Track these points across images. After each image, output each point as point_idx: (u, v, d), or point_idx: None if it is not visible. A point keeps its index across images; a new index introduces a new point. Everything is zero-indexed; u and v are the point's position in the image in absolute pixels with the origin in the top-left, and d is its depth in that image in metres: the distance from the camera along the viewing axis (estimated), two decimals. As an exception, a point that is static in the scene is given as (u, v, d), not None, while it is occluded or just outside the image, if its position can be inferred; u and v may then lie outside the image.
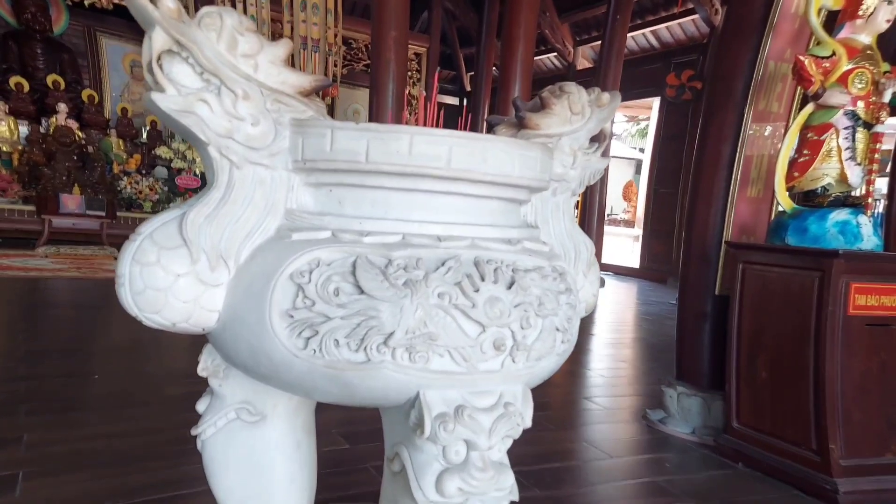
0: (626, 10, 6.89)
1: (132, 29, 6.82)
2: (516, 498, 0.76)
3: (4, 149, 7.34)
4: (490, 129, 1.02)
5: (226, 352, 0.77)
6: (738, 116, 2.17)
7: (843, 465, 1.66)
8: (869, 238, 1.76)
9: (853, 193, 1.83)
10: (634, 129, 17.96)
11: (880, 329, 1.75)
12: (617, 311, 5.38)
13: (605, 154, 1.07)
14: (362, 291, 0.68)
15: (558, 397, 2.59)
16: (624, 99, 8.90)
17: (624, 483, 1.73)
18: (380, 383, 0.70)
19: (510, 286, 0.76)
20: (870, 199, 1.77)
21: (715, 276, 2.20)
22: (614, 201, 12.33)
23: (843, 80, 1.79)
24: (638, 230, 9.83)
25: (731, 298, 2.01)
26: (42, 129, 7.56)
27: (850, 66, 1.79)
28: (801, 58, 1.80)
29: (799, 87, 2.10)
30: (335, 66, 6.96)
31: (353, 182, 0.75)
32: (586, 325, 4.62)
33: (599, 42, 7.39)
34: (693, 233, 2.34)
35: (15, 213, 6.80)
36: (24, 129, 7.51)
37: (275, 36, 6.35)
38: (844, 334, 1.69)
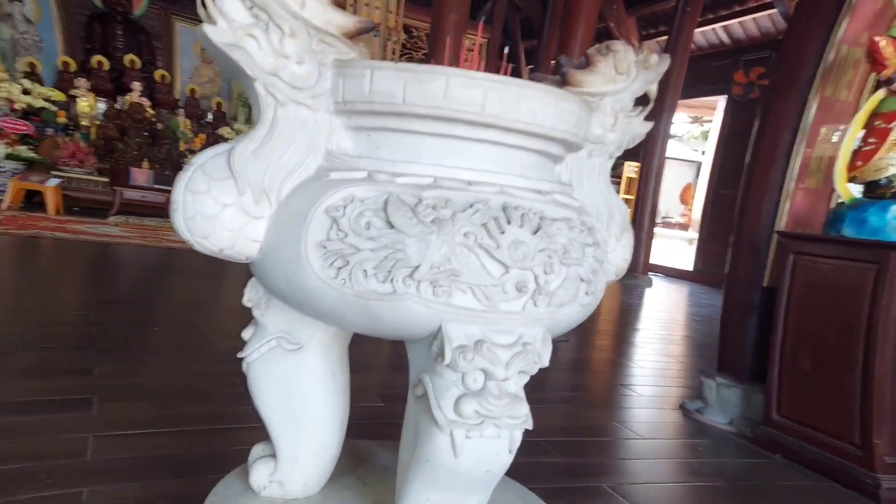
0: (696, 4, 6.63)
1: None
2: (530, 426, 0.79)
3: (84, 123, 7.86)
4: (530, 89, 1.03)
5: (266, 281, 0.82)
6: (800, 104, 2.08)
7: (888, 463, 1.59)
8: (934, 231, 1.66)
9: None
10: (698, 132, 17.23)
11: (940, 327, 1.65)
12: (666, 310, 5.26)
13: (649, 118, 1.07)
14: (392, 226, 0.72)
15: (595, 381, 2.58)
16: (688, 97, 8.61)
17: (652, 461, 1.72)
18: (404, 314, 0.73)
19: (536, 231, 0.78)
20: (938, 191, 1.66)
21: (763, 267, 2.13)
22: (671, 204, 11.93)
23: (919, 64, 1.69)
24: (693, 233, 9.53)
25: (778, 289, 1.95)
26: (117, 106, 8.05)
27: (929, 49, 1.68)
28: (877, 39, 1.71)
29: (872, 75, 1.99)
30: (393, 52, 7.04)
31: (389, 126, 0.79)
32: (632, 320, 4.54)
33: (666, 37, 7.15)
34: (744, 223, 2.27)
35: (91, 183, 7.28)
36: (101, 106, 8.02)
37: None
38: (899, 330, 1.61)
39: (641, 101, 1.04)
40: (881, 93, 1.75)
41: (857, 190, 1.86)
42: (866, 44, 1.88)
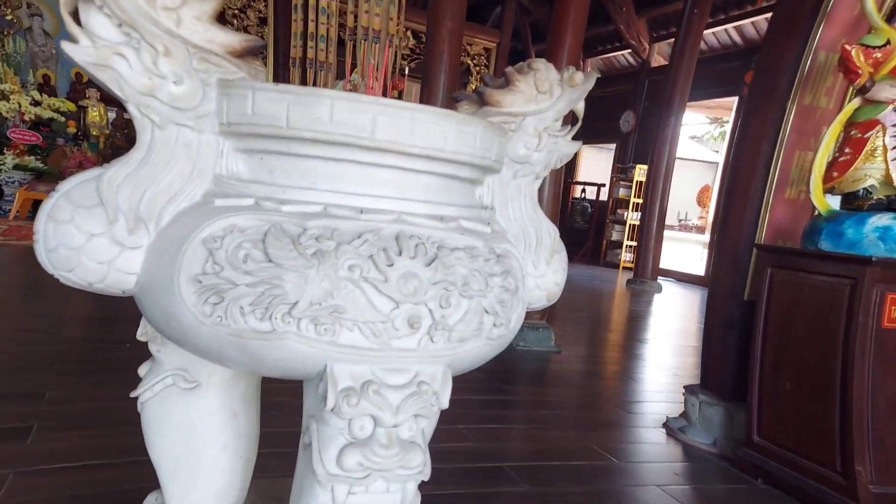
0: (704, 4, 6.54)
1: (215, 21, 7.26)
2: (426, 477, 0.74)
3: (94, 133, 7.98)
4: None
5: (146, 316, 0.79)
6: (779, 111, 2.01)
7: (872, 492, 1.51)
8: (913, 245, 1.58)
9: (900, 196, 1.65)
10: (717, 132, 16.94)
11: (922, 346, 1.57)
12: (671, 318, 5.15)
13: (576, 138, 1.02)
14: (270, 259, 0.69)
15: (578, 398, 2.52)
16: (701, 98, 8.49)
17: (624, 488, 1.65)
18: (286, 354, 0.69)
19: (431, 263, 0.74)
20: (917, 203, 1.58)
21: (745, 281, 2.05)
22: (689, 206, 11.75)
23: (895, 73, 1.62)
24: (707, 236, 9.37)
25: (757, 304, 1.87)
26: (126, 116, 8.15)
27: (904, 56, 1.61)
28: (849, 47, 1.64)
29: (854, 81, 1.91)
30: (396, 57, 7.04)
31: (280, 149, 0.75)
32: (633, 329, 4.45)
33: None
34: (725, 235, 2.20)
35: (97, 193, 7.35)
36: (111, 115, 8.14)
37: (341, 28, 6.50)
38: (878, 348, 1.54)
39: (568, 120, 1.00)
40: (856, 102, 1.68)
41: (835, 202, 1.79)
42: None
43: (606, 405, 2.46)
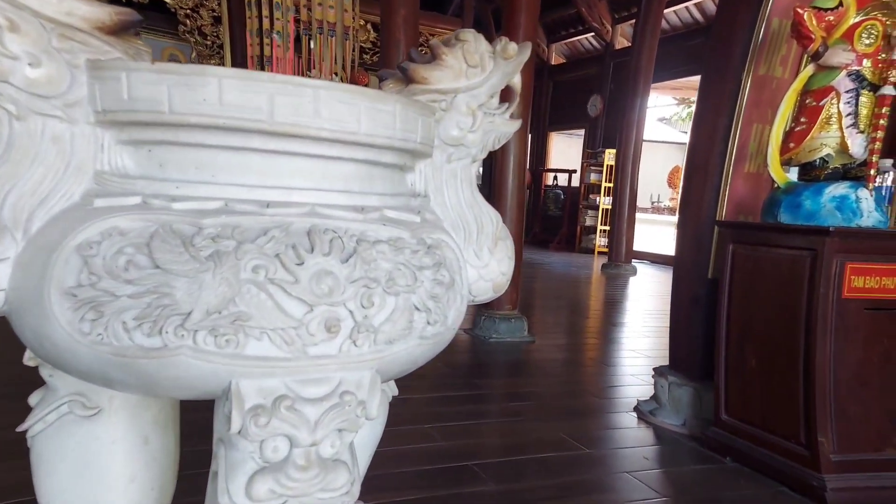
0: (664, -18, 6.52)
1: (169, 23, 6.95)
2: (353, 499, 0.67)
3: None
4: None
5: (19, 336, 0.69)
6: (735, 84, 1.97)
7: (834, 461, 1.50)
8: (870, 214, 1.56)
9: (855, 165, 1.62)
10: (685, 112, 17.08)
11: (883, 314, 1.56)
12: (644, 300, 5.16)
13: (515, 116, 0.95)
14: (157, 265, 0.60)
15: (551, 388, 2.47)
16: (667, 78, 8.50)
17: (595, 479, 1.60)
18: (182, 372, 0.61)
19: (348, 259, 0.66)
20: (872, 171, 1.56)
21: (708, 259, 2.02)
22: (660, 188, 11.84)
23: (848, 36, 1.59)
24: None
25: (720, 282, 1.84)
26: None
27: (858, 19, 1.58)
28: (801, 11, 1.60)
29: (808, 49, 1.88)
30: (353, 50, 6.88)
31: (168, 139, 0.66)
32: (606, 313, 4.44)
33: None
34: (687, 214, 2.17)
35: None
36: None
37: (296, 23, 6.32)
38: (839, 319, 1.52)
39: (506, 97, 0.93)
40: (810, 69, 1.65)
41: (794, 174, 1.76)
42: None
43: (580, 393, 2.42)
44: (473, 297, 0.94)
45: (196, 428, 1.00)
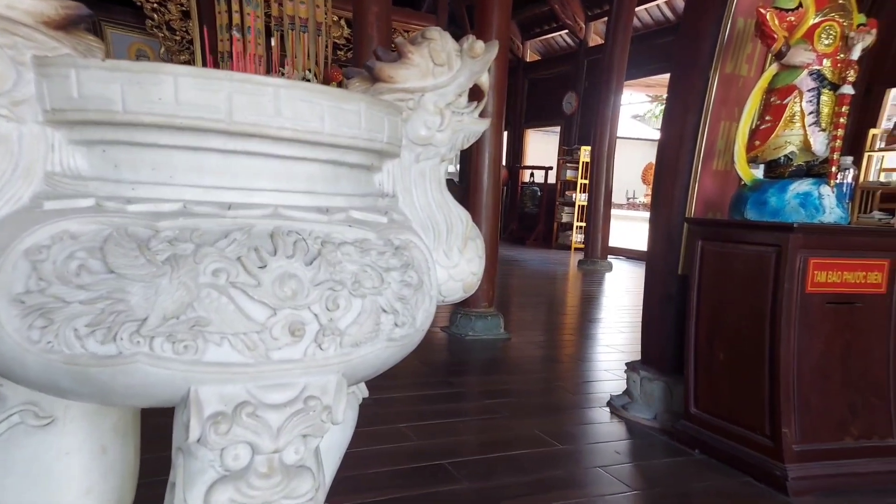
0: (635, -20, 6.58)
1: (136, 17, 6.76)
2: (319, 504, 0.66)
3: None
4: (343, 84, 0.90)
5: None
6: (703, 82, 2.00)
7: (796, 451, 1.55)
8: (832, 210, 1.60)
9: (818, 162, 1.66)
10: (658, 110, 17.29)
11: (844, 307, 1.60)
12: (619, 296, 5.22)
13: (485, 115, 0.95)
14: (111, 270, 0.58)
15: (526, 385, 2.48)
16: (640, 76, 8.60)
17: (567, 475, 1.62)
18: (138, 380, 0.59)
19: (312, 261, 0.65)
20: (834, 169, 1.60)
21: (679, 255, 2.05)
22: (635, 185, 11.99)
23: (808, 36, 1.63)
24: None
25: (690, 278, 1.87)
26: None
27: (817, 20, 1.62)
28: (763, 11, 1.64)
29: (773, 48, 1.92)
30: (327, 47, 6.81)
31: (122, 139, 0.64)
32: (585, 311, 4.48)
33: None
34: (659, 211, 2.20)
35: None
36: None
37: (267, 17, 6.21)
38: (802, 313, 1.56)
39: (475, 96, 0.92)
40: (774, 67, 1.68)
41: (760, 171, 1.79)
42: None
43: (555, 389, 2.44)
44: (443, 298, 0.93)
45: (158, 433, 0.98)
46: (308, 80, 6.23)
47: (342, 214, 0.72)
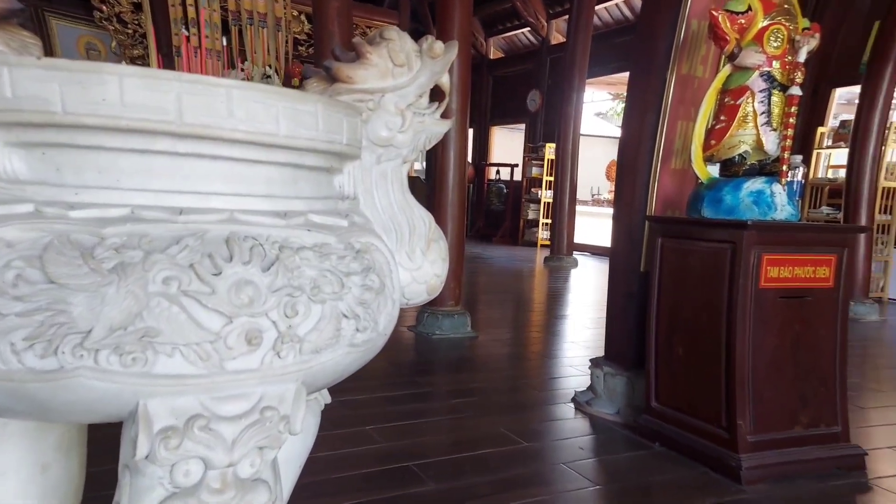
0: (595, -21, 6.67)
1: (85, 9, 6.45)
2: (278, 517, 0.64)
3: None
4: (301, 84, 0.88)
5: None
6: (660, 82, 2.05)
7: (750, 441, 1.61)
8: (783, 207, 1.67)
9: (770, 161, 1.72)
10: (620, 108, 17.61)
11: (795, 301, 1.67)
12: (585, 292, 5.30)
13: (447, 115, 0.94)
14: (51, 279, 0.55)
15: (493, 383, 2.49)
16: (602, 74, 8.74)
17: (533, 472, 1.63)
18: (81, 395, 0.56)
19: (270, 267, 0.63)
20: (785, 167, 1.66)
21: (640, 252, 2.10)
22: (600, 181, 12.20)
23: (758, 39, 1.68)
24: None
25: (651, 275, 1.92)
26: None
27: (766, 23, 1.67)
28: (716, 13, 1.68)
29: (727, 50, 1.98)
30: (287, 42, 6.68)
31: (63, 141, 0.60)
32: (551, 307, 4.53)
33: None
34: (620, 208, 2.24)
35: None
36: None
37: (224, 12, 6.04)
38: (756, 308, 1.61)
39: (436, 96, 0.92)
40: (727, 69, 1.73)
41: (716, 169, 1.85)
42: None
43: (521, 387, 2.46)
44: (407, 301, 0.93)
45: (107, 444, 0.94)
46: (268, 77, 6.07)
47: (301, 218, 0.70)
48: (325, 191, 0.80)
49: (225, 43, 5.83)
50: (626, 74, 2.30)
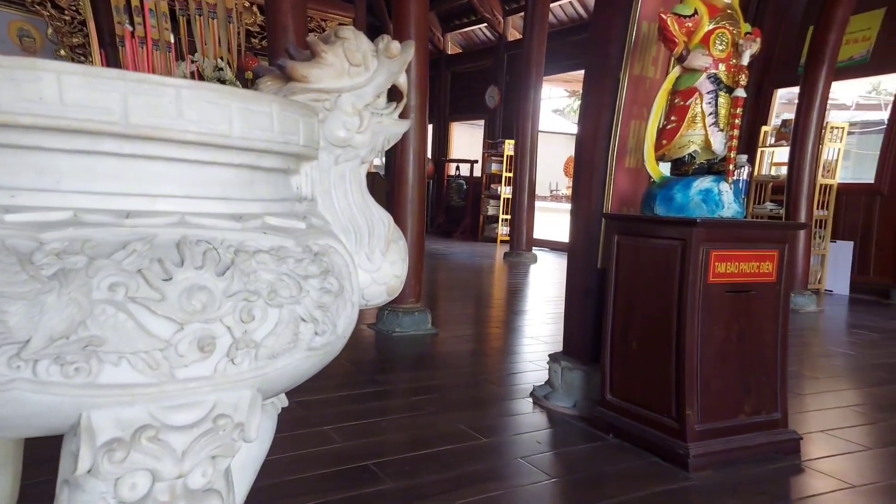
0: (548, -23, 6.74)
1: (16, -8, 6.05)
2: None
3: None
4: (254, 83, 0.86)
5: None
6: (614, 82, 2.10)
7: (697, 430, 1.67)
8: (730, 205, 1.74)
9: (718, 160, 1.79)
10: (577, 105, 17.89)
11: (741, 295, 1.75)
12: (547, 287, 5.37)
13: (405, 116, 0.94)
14: (-14, 287, 0.52)
15: (453, 379, 2.51)
16: (558, 71, 8.85)
17: (490, 467, 1.65)
18: (15, 410, 0.54)
19: (225, 271, 0.62)
20: (731, 167, 1.73)
21: (598, 249, 2.15)
22: (558, 177, 12.38)
23: (705, 42, 1.73)
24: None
25: (607, 271, 1.97)
26: None
27: (711, 27, 1.73)
28: (664, 16, 1.73)
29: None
30: (239, 34, 6.49)
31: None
32: (511, 303, 4.57)
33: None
34: (578, 206, 2.29)
35: None
36: None
37: (170, 0, 5.79)
38: (705, 302, 1.68)
39: (394, 96, 0.91)
40: (676, 70, 1.79)
41: (667, 168, 1.91)
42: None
43: (480, 383, 2.48)
44: (366, 302, 0.92)
45: (39, 457, 0.90)
46: (220, 69, 5.87)
47: (257, 221, 0.69)
48: (282, 192, 0.79)
49: (173, 34, 5.61)
50: (582, 72, 2.35)
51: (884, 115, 6.66)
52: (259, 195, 0.73)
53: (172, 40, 5.57)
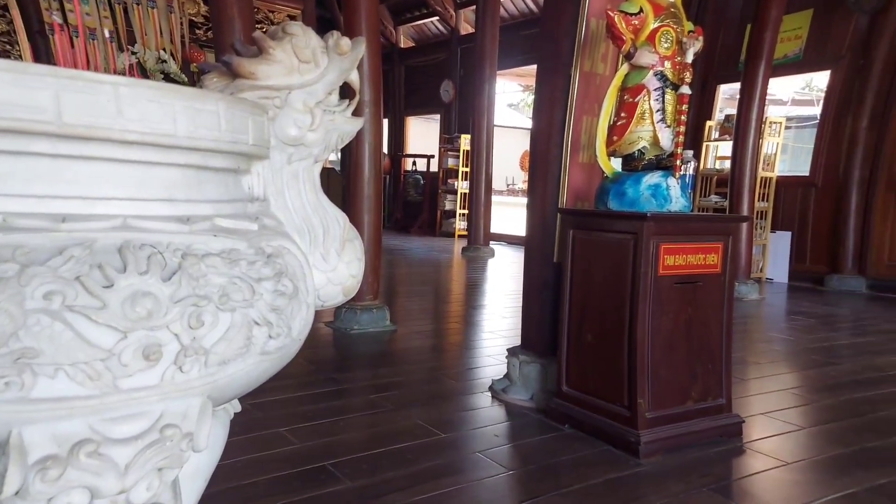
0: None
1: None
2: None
3: None
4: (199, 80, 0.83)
5: None
6: (566, 78, 2.13)
7: (648, 418, 1.73)
8: (677, 200, 1.80)
9: (666, 156, 1.85)
10: (531, 99, 18.04)
11: (689, 287, 1.82)
12: (505, 282, 5.42)
13: (358, 113, 0.92)
14: None
15: (412, 375, 2.51)
16: (512, 66, 8.91)
17: (449, 462, 1.66)
18: (-61, 427, 0.50)
19: (171, 276, 0.59)
20: (678, 162, 1.80)
21: (553, 243, 2.18)
22: (514, 172, 12.51)
23: (651, 39, 1.78)
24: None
25: (563, 265, 2.00)
26: None
27: (656, 24, 1.78)
28: (612, 14, 1.77)
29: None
30: (182, 25, 6.23)
31: (-85, 143, 0.53)
32: (470, 298, 4.60)
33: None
34: (533, 200, 2.32)
35: None
36: None
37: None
38: (655, 294, 1.73)
39: (346, 94, 0.90)
40: (625, 67, 1.83)
41: (618, 164, 1.96)
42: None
43: (439, 378, 2.49)
44: (322, 303, 0.91)
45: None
46: (164, 62, 5.62)
47: (206, 223, 0.66)
48: (233, 193, 0.76)
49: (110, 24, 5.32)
50: (535, 67, 2.38)
51: (816, 111, 7.05)
52: (208, 196, 0.71)
53: (108, 32, 5.28)
